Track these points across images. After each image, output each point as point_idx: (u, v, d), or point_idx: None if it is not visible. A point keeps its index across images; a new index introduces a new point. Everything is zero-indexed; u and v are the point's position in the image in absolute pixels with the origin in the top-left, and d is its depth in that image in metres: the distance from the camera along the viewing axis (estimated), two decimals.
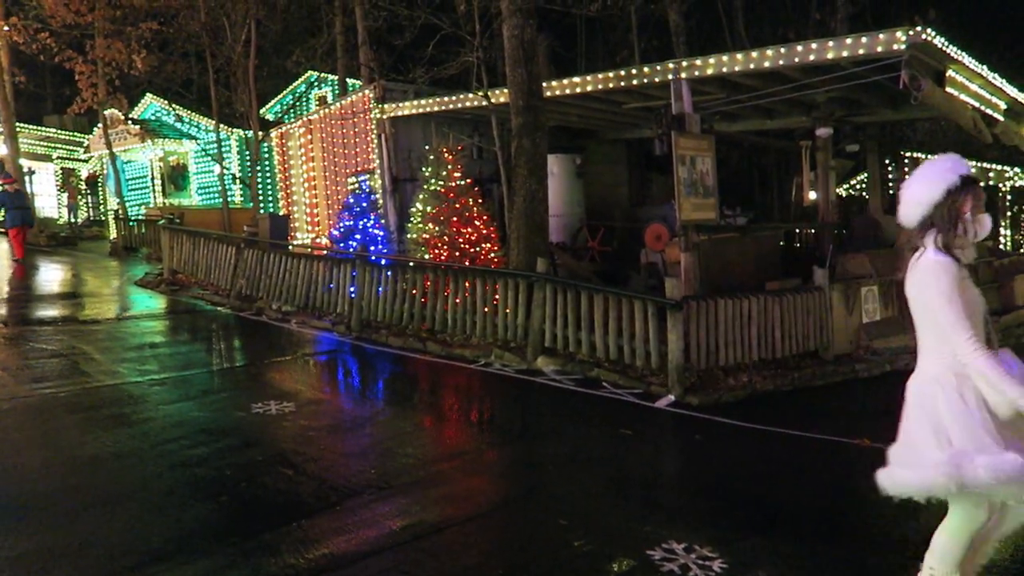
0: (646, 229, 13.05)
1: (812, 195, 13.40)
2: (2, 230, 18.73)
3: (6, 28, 21.21)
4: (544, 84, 10.85)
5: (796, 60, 9.10)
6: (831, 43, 8.83)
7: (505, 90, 11.20)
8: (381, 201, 13.81)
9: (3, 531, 4.40)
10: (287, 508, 4.83)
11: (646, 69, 10.53)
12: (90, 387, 7.53)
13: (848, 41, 8.65)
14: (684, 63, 10.05)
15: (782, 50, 9.19)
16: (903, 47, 8.10)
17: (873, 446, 6.17)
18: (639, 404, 7.52)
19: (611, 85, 10.98)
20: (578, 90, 11.36)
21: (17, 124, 22.82)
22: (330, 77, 23.57)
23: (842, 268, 10.28)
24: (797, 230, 16.17)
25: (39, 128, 27.35)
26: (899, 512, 5.05)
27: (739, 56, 9.63)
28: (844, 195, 19.62)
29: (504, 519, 4.87)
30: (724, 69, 9.70)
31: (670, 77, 10.09)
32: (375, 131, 14.46)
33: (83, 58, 20.47)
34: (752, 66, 9.46)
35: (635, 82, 10.64)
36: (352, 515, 4.74)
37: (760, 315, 8.60)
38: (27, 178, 24.29)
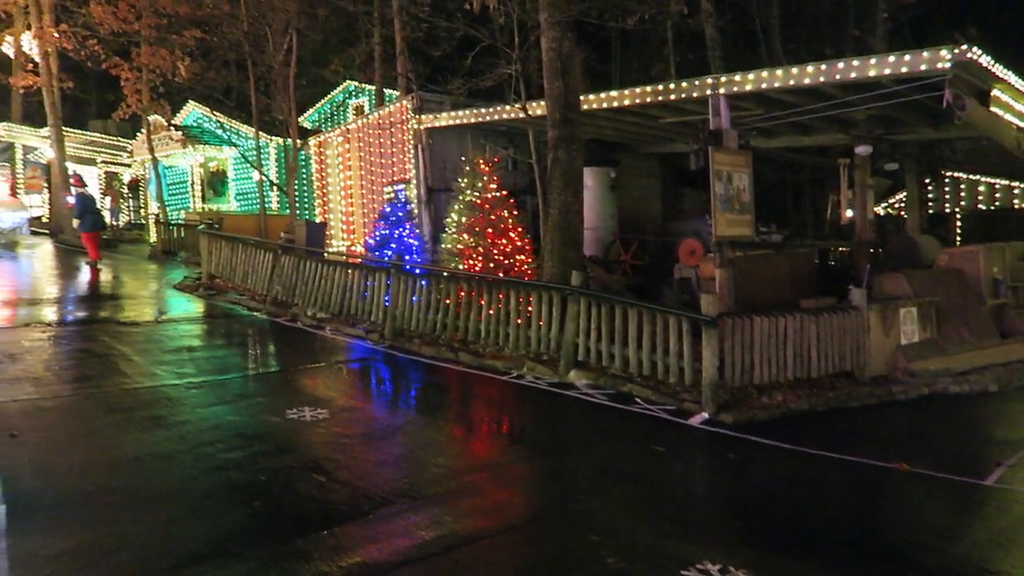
0: (679, 244, 12.99)
1: (849, 213, 13.25)
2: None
3: (56, 35, 21.81)
4: (581, 97, 10.88)
5: (836, 77, 9.02)
6: (873, 60, 8.74)
7: (542, 102, 11.25)
8: (416, 211, 13.93)
9: (44, 529, 4.50)
10: (320, 515, 4.87)
11: (684, 84, 10.51)
12: (129, 388, 7.67)
13: (891, 59, 8.55)
14: (723, 79, 10.01)
15: (822, 67, 9.12)
16: (947, 65, 7.99)
17: (911, 471, 6.08)
18: (672, 421, 7.46)
19: (648, 99, 10.97)
20: (615, 104, 11.37)
21: (63, 128, 23.42)
22: (367, 87, 23.86)
23: (879, 288, 10.13)
24: (832, 248, 15.96)
25: (84, 133, 28.05)
26: (939, 538, 4.97)
27: (778, 72, 9.57)
28: (881, 214, 19.34)
29: (536, 533, 4.87)
30: (763, 85, 9.65)
31: (708, 92, 10.05)
32: (412, 141, 14.61)
33: (128, 65, 20.97)
34: (791, 82, 9.40)
35: (672, 97, 10.63)
36: (384, 524, 4.77)
37: (796, 334, 8.51)
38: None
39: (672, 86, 10.73)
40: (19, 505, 4.76)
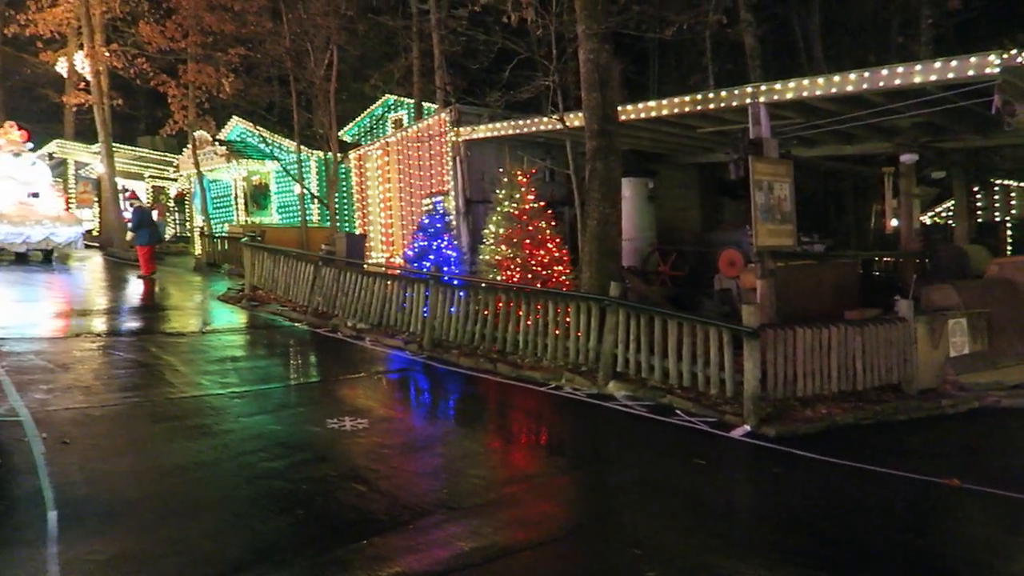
0: (719, 254, 12.85)
1: (894, 223, 12.98)
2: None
3: (107, 54, 22.52)
4: (619, 108, 10.86)
5: (880, 84, 8.86)
6: (918, 67, 8.57)
7: (579, 113, 11.25)
8: (455, 222, 14.02)
9: (93, 535, 4.60)
10: (360, 524, 4.90)
11: (723, 93, 10.42)
12: (175, 398, 7.83)
13: (936, 65, 8.37)
14: (763, 87, 9.91)
15: (865, 74, 8.97)
16: (996, 71, 7.80)
17: (963, 487, 5.91)
18: (713, 433, 7.37)
19: (687, 109, 10.90)
20: (653, 114, 11.32)
21: (113, 144, 24.12)
22: (406, 100, 24.12)
23: (927, 299, 9.89)
24: (877, 258, 15.64)
25: (133, 148, 28.87)
26: (993, 558, 4.82)
27: (820, 80, 9.44)
28: (928, 223, 18.90)
29: (575, 545, 4.84)
30: (804, 93, 9.52)
31: (748, 101, 9.95)
32: (450, 154, 14.72)
33: (175, 82, 21.53)
34: (833, 90, 9.26)
35: (711, 106, 10.54)
36: (424, 534, 4.78)
37: (840, 345, 8.34)
38: (121, 195, 25.63)
39: (711, 95, 10.65)
40: (70, 511, 4.88)
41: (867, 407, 8.18)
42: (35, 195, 19.28)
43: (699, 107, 10.75)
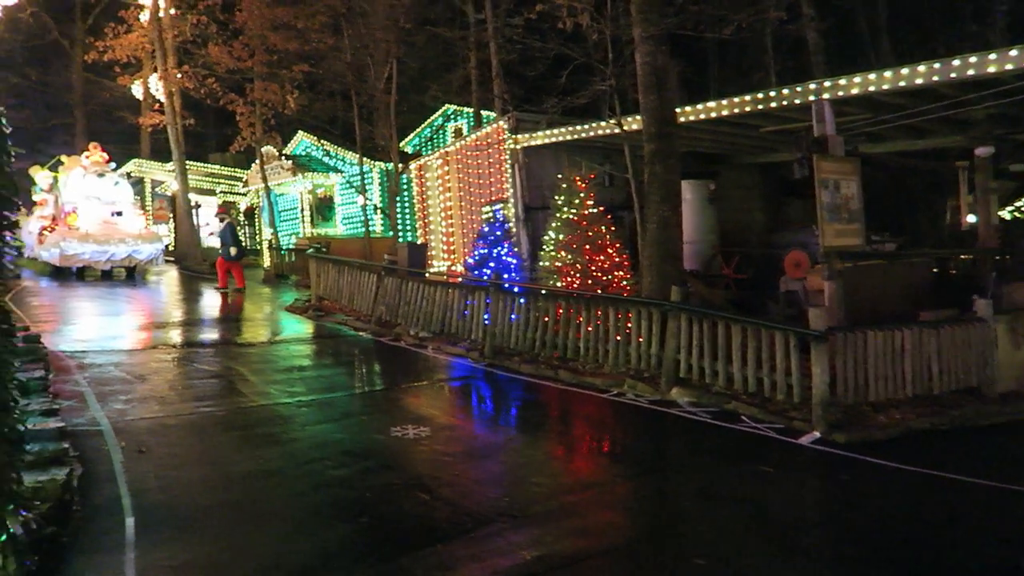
0: (784, 256, 12.54)
1: (970, 219, 12.43)
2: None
3: (179, 76, 23.44)
4: (677, 110, 10.73)
5: (952, 76, 8.52)
6: (993, 56, 8.20)
7: (637, 117, 11.16)
8: (514, 229, 14.06)
9: (167, 542, 4.77)
10: (423, 532, 4.95)
11: (785, 91, 10.18)
12: (244, 407, 8.07)
13: (1013, 53, 8.00)
14: (826, 83, 9.65)
15: (936, 65, 8.64)
16: None
17: None
18: (780, 440, 7.18)
19: (747, 109, 10.70)
20: (712, 115, 11.14)
21: (186, 162, 25.07)
22: (465, 109, 24.38)
23: (1008, 298, 9.44)
24: (952, 257, 14.99)
25: (205, 165, 29.98)
26: None
27: (887, 74, 9.14)
28: (1007, 218, 18.03)
29: (638, 555, 4.77)
30: (870, 88, 9.23)
31: (811, 98, 9.71)
32: (508, 161, 14.79)
33: (243, 100, 22.26)
34: (902, 83, 8.95)
35: (773, 105, 10.32)
36: (486, 543, 4.80)
37: (914, 348, 8.03)
38: (194, 211, 26.62)
39: (772, 94, 10.42)
40: (145, 518, 5.07)
41: (944, 412, 7.85)
42: (118, 214, 19.98)
43: (760, 106, 10.54)
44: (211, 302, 16.95)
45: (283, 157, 25.08)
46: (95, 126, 32.52)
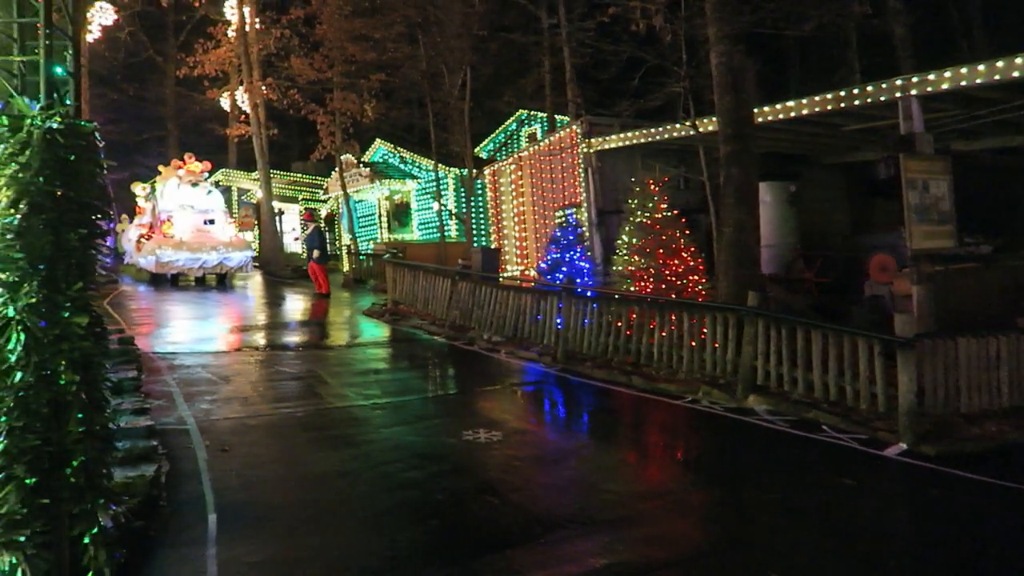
0: (870, 259, 12.07)
1: None
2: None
3: (263, 88, 24.34)
4: (754, 110, 10.47)
5: None
6: None
7: (712, 118, 10.95)
8: (587, 234, 13.99)
9: (246, 538, 4.93)
10: (492, 537, 4.96)
11: (869, 88, 9.80)
12: (321, 408, 8.28)
13: None
14: (914, 79, 9.24)
15: None
16: None
17: None
18: (863, 451, 6.88)
19: (829, 107, 10.35)
20: (792, 114, 10.83)
21: (270, 171, 25.99)
22: (539, 114, 24.43)
23: None
24: None
25: (288, 174, 30.99)
26: None
27: (980, 67, 8.67)
28: None
29: (710, 567, 4.65)
30: (962, 83, 8.79)
31: (898, 95, 9.32)
32: (581, 165, 14.74)
33: (323, 110, 22.93)
34: (997, 77, 8.49)
35: (856, 102, 9.95)
36: (555, 549, 4.77)
37: (1012, 356, 7.57)
38: (277, 218, 27.55)
39: (856, 91, 10.05)
40: (227, 515, 5.26)
41: None
42: (211, 222, 20.62)
43: (843, 104, 10.19)
44: (293, 306, 17.49)
45: (361, 164, 25.70)
46: (186, 138, 34.11)
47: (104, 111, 31.51)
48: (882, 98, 9.57)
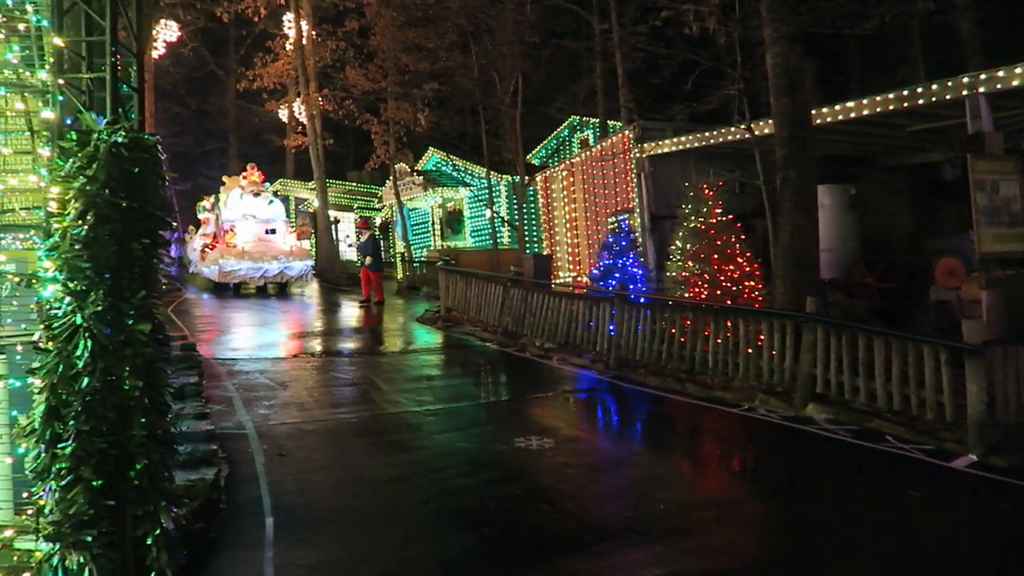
0: (936, 263, 11.65)
1: None
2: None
3: (320, 99, 24.85)
4: (812, 111, 10.23)
5: None
6: None
7: (768, 121, 10.74)
8: (640, 239, 13.86)
9: (302, 542, 5.01)
10: (544, 544, 4.93)
11: (935, 87, 9.47)
12: (376, 414, 8.37)
13: None
14: (982, 76, 8.89)
15: None
16: None
17: None
18: (930, 462, 6.63)
19: (891, 107, 10.03)
20: (852, 115, 10.53)
21: (326, 180, 26.50)
22: (591, 120, 24.34)
23: None
24: None
25: (343, 183, 31.56)
26: None
27: None
28: None
29: None
30: None
31: (964, 93, 8.98)
32: (634, 170, 14.61)
33: (377, 120, 23.29)
34: None
35: (920, 101, 9.62)
36: (607, 558, 4.72)
37: None
38: (333, 226, 28.06)
39: (920, 90, 9.71)
40: (283, 518, 5.36)
41: None
42: (272, 231, 20.75)
43: (906, 104, 9.86)
44: (348, 313, 17.76)
45: (415, 173, 26.00)
46: (245, 149, 35.10)
47: (169, 124, 32.65)
48: (948, 97, 9.24)
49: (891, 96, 10.07)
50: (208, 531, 5.09)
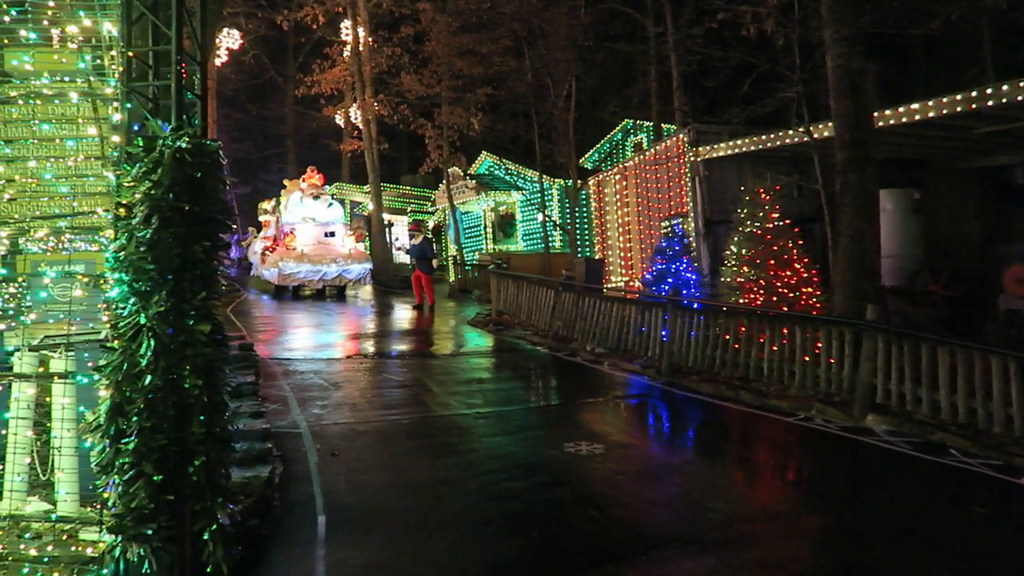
0: (1005, 271, 11.22)
1: None
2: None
3: (375, 104, 25.24)
4: (874, 114, 9.96)
5: None
6: None
7: (828, 123, 10.50)
8: (693, 244, 13.69)
9: (353, 541, 5.08)
10: (593, 551, 4.90)
11: (1005, 87, 9.13)
12: (426, 416, 8.43)
13: None
14: None
15: None
16: None
17: None
18: (997, 478, 6.38)
19: (958, 108, 9.70)
20: (916, 117, 10.22)
21: (380, 184, 26.88)
22: (645, 123, 24.14)
23: None
24: None
25: (397, 187, 31.97)
26: None
27: None
28: None
29: None
30: None
31: None
32: (688, 174, 14.44)
33: (431, 124, 23.53)
34: None
35: (990, 103, 9.28)
36: (657, 567, 4.66)
37: None
38: (387, 229, 28.42)
39: (989, 91, 9.37)
40: (335, 517, 5.44)
41: None
42: (331, 234, 20.80)
43: (975, 105, 9.52)
44: (401, 315, 17.96)
45: (467, 177, 26.15)
46: (303, 153, 35.84)
47: (230, 130, 33.58)
48: (1019, 98, 8.89)
49: (958, 97, 9.73)
50: (262, 528, 5.20)
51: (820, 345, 8.80)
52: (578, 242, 21.58)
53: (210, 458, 4.18)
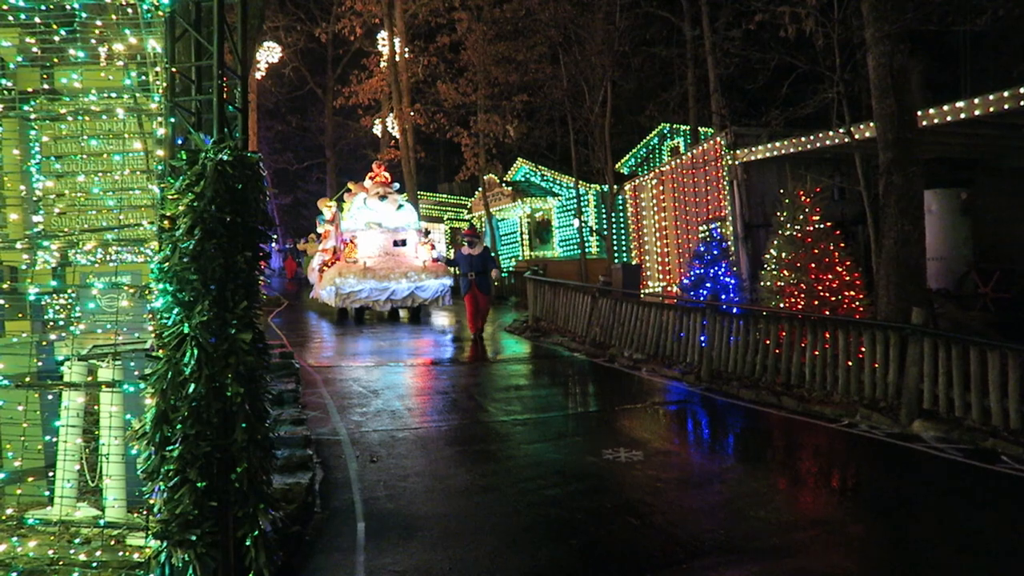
0: None
1: None
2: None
3: (412, 113, 25.49)
4: (918, 113, 9.75)
5: None
6: None
7: (870, 124, 10.30)
8: (732, 248, 13.52)
9: (392, 547, 5.10)
10: (633, 559, 4.85)
11: None
12: (464, 423, 8.46)
13: None
14: None
15: None
16: None
17: None
18: None
19: (1007, 106, 9.43)
20: (963, 116, 9.97)
21: (418, 192, 27.11)
22: (682, 127, 23.99)
23: None
24: None
25: (434, 195, 32.23)
26: None
27: None
28: None
29: None
30: None
31: None
32: (726, 177, 14.29)
33: (467, 132, 23.68)
34: None
35: None
36: None
37: None
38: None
39: None
40: (374, 524, 5.48)
41: None
42: (402, 243, 17.19)
43: (1023, 102, 9.26)
44: (438, 322, 18.04)
45: (504, 184, 26.25)
46: (342, 163, 36.38)
47: (271, 142, 34.22)
48: None
49: (1007, 95, 9.47)
50: (303, 534, 5.27)
51: (864, 349, 8.62)
52: (615, 248, 21.49)
53: (252, 465, 4.24)
